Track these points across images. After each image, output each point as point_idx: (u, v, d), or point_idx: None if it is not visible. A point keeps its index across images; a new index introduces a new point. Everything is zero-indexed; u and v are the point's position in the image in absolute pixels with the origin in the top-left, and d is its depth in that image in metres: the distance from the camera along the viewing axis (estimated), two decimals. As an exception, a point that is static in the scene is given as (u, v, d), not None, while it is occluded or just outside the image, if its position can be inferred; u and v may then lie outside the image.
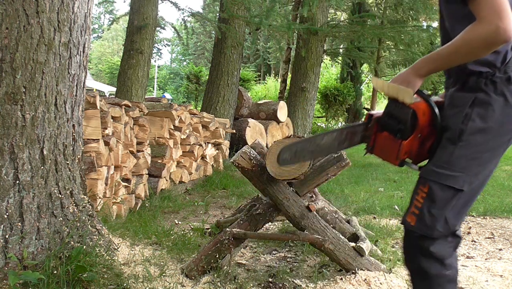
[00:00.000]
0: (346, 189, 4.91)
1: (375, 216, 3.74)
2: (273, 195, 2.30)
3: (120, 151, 3.46)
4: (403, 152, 1.44)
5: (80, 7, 2.18)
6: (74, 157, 2.25)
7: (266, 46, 33.59)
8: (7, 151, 1.90)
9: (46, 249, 1.97)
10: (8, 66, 1.89)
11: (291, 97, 9.49)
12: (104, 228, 2.44)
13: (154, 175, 4.27)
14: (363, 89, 18.56)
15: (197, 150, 5.07)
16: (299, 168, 2.17)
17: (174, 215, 3.81)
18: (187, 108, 4.92)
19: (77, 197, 2.23)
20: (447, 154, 1.36)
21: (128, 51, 6.74)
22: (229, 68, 7.52)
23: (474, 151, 1.34)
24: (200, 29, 22.46)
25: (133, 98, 6.48)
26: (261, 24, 6.85)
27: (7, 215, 1.87)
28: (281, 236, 2.53)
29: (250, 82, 20.99)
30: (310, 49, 9.17)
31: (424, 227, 1.34)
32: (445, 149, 1.38)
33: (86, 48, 2.28)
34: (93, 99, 3.10)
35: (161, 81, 42.39)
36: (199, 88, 19.29)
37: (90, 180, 3.01)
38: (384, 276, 2.23)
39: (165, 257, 2.46)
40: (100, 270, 2.03)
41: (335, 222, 2.67)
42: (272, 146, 2.19)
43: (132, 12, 6.80)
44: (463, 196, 1.34)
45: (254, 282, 2.22)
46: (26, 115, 1.95)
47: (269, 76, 29.93)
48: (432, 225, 1.34)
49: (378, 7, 15.09)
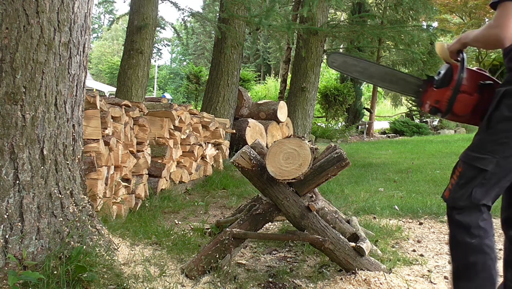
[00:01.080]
0: (346, 189, 4.91)
1: (375, 216, 3.74)
2: (273, 195, 2.30)
3: (120, 151, 3.46)
4: (433, 99, 1.77)
5: (80, 7, 2.18)
6: (74, 157, 2.25)
7: (266, 46, 33.60)
8: (7, 151, 1.90)
9: (46, 249, 1.97)
10: (8, 66, 1.89)
11: (291, 97, 9.48)
12: (104, 228, 2.44)
13: (154, 175, 4.27)
14: (363, 89, 18.55)
15: (197, 150, 5.07)
16: (299, 168, 2.17)
17: (174, 215, 3.81)
18: (187, 108, 4.92)
19: (77, 197, 2.23)
20: (478, 139, 1.60)
21: (128, 51, 6.74)
22: (229, 68, 7.52)
23: (501, 136, 1.52)
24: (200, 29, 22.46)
25: (133, 98, 6.48)
26: (261, 24, 6.85)
27: (7, 215, 1.87)
28: (281, 236, 2.53)
29: (250, 82, 20.98)
30: (310, 49, 9.17)
31: (452, 199, 1.59)
32: (478, 135, 1.62)
33: (86, 48, 2.28)
34: (93, 99, 3.10)
35: (161, 81, 42.38)
36: (199, 88, 19.28)
37: (90, 180, 3.01)
38: (384, 276, 2.23)
39: (165, 257, 2.46)
40: (100, 270, 2.03)
41: (335, 222, 2.67)
42: (272, 146, 2.19)
43: (132, 12, 6.80)
44: (490, 176, 1.53)
45: (254, 282, 2.22)
46: (26, 115, 1.95)
47: (269, 76, 29.93)
48: (458, 197, 1.57)
49: (378, 7, 15.09)
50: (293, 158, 2.15)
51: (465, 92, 1.73)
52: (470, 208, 1.55)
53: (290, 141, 2.15)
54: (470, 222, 1.54)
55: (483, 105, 1.70)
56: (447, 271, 2.52)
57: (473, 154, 1.58)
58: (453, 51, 1.78)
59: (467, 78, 1.73)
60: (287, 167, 2.16)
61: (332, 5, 10.17)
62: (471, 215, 1.55)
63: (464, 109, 1.74)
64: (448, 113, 1.76)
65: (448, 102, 1.74)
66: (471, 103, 1.73)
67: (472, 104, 1.74)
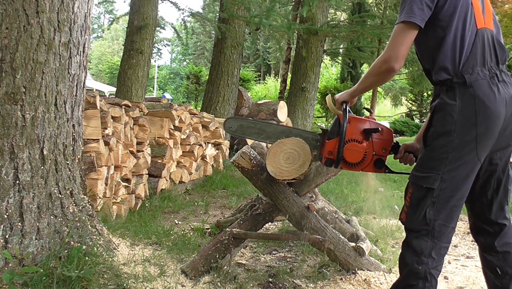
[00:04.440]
0: (346, 189, 4.91)
1: (375, 216, 3.74)
2: (273, 195, 2.30)
3: (120, 151, 3.46)
4: (327, 150, 1.80)
5: (80, 7, 2.18)
6: (74, 157, 2.25)
7: (266, 46, 33.58)
8: (7, 151, 1.90)
9: (46, 249, 1.97)
10: (8, 66, 1.89)
11: (291, 97, 9.48)
12: (104, 228, 2.44)
13: (154, 175, 4.27)
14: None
15: (197, 150, 5.07)
16: (299, 168, 2.17)
17: (174, 215, 3.80)
18: (187, 108, 4.92)
19: (77, 197, 2.23)
20: (420, 158, 1.60)
21: (128, 51, 6.74)
22: (229, 68, 7.52)
23: (440, 152, 1.51)
24: (200, 29, 22.47)
25: (133, 98, 6.48)
26: (261, 24, 6.85)
27: (7, 215, 1.87)
28: (281, 236, 2.53)
29: (250, 82, 20.98)
30: (310, 49, 9.16)
31: (409, 222, 1.58)
32: (420, 154, 1.61)
33: (86, 48, 2.28)
34: (93, 99, 3.10)
35: (161, 81, 42.35)
36: (199, 88, 19.28)
37: (90, 180, 3.01)
38: (384, 276, 2.23)
39: (165, 257, 2.46)
40: (100, 270, 2.03)
41: (335, 222, 2.67)
42: (272, 146, 2.19)
43: (132, 12, 6.80)
44: (438, 193, 1.51)
45: (254, 282, 2.22)
46: (26, 115, 1.95)
47: (269, 76, 29.92)
48: (414, 220, 1.56)
49: (378, 7, 15.07)
50: (293, 158, 2.15)
51: (352, 140, 1.77)
52: (428, 231, 1.53)
53: (290, 141, 2.15)
54: (424, 248, 1.52)
55: (377, 150, 1.78)
56: (447, 271, 2.52)
57: (418, 174, 1.56)
58: (339, 102, 1.81)
59: (352, 126, 1.77)
60: (287, 167, 2.16)
61: (332, 5, 10.17)
62: (427, 241, 1.53)
63: (355, 157, 1.78)
64: (339, 162, 1.78)
65: (338, 152, 1.76)
66: (361, 150, 1.77)
67: (363, 151, 1.77)
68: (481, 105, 1.47)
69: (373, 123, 1.80)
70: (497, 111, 1.48)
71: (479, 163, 1.52)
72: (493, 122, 1.48)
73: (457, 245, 3.05)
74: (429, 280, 1.53)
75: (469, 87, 1.48)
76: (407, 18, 1.50)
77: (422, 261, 1.52)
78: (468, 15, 1.52)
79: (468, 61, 1.50)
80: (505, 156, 1.60)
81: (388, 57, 1.54)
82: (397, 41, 1.53)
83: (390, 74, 1.58)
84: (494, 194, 1.62)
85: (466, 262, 2.69)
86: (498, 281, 1.64)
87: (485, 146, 1.50)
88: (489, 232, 1.64)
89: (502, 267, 1.62)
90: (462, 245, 3.05)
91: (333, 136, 1.80)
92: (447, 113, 1.50)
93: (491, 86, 1.49)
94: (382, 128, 1.79)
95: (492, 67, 1.52)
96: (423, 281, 1.52)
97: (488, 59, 1.53)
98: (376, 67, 1.60)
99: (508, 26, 14.72)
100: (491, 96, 1.48)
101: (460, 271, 2.53)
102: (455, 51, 1.52)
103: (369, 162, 1.80)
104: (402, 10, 1.53)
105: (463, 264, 2.65)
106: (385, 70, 1.56)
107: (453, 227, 1.56)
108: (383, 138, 1.80)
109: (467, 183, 1.53)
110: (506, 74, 1.55)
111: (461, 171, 1.50)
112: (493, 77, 1.51)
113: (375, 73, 1.61)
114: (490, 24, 1.58)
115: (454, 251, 2.93)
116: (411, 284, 1.54)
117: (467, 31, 1.52)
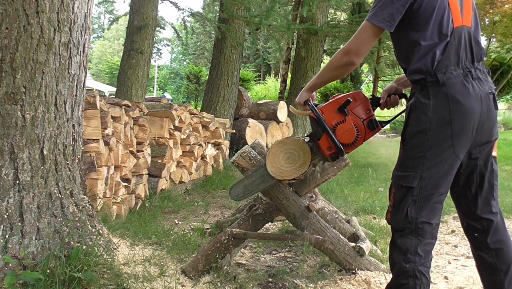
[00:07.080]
0: (346, 189, 4.91)
1: (375, 216, 3.74)
2: (273, 195, 2.30)
3: (120, 151, 3.46)
4: (325, 148, 1.84)
5: (80, 7, 2.18)
6: (74, 157, 2.25)
7: (266, 46, 33.58)
8: (7, 151, 1.90)
9: (46, 249, 1.97)
10: (8, 66, 1.89)
11: (291, 97, 9.48)
12: (104, 228, 2.44)
13: (154, 175, 4.27)
14: (363, 89, 18.56)
15: (197, 150, 5.07)
16: (299, 168, 2.17)
17: (174, 215, 3.81)
18: (187, 108, 4.92)
19: (77, 197, 2.23)
20: (399, 157, 1.62)
21: (128, 51, 6.74)
22: (229, 68, 7.52)
23: (417, 151, 1.53)
24: (200, 29, 22.46)
25: (133, 98, 6.48)
26: (261, 24, 6.85)
27: (7, 215, 1.87)
28: (281, 236, 2.53)
29: (250, 82, 20.98)
30: (310, 49, 9.17)
31: (394, 221, 1.60)
32: (399, 154, 1.63)
33: (86, 48, 2.28)
34: (93, 99, 3.10)
35: (161, 81, 42.37)
36: (199, 88, 19.29)
37: (90, 180, 3.01)
38: (384, 276, 2.23)
39: (165, 257, 2.46)
40: (100, 270, 2.03)
41: (335, 222, 2.67)
42: (272, 146, 2.19)
43: (132, 12, 6.80)
44: (418, 191, 1.53)
45: (254, 282, 2.22)
46: (26, 115, 1.95)
47: (269, 76, 29.91)
48: (397, 219, 1.58)
49: (378, 7, 15.04)
50: (294, 158, 2.15)
51: (337, 124, 1.81)
52: (411, 229, 1.55)
53: (290, 141, 2.15)
54: (409, 246, 1.55)
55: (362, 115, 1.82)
56: (447, 271, 2.52)
57: (398, 173, 1.58)
58: (301, 104, 1.84)
59: (327, 114, 1.82)
60: (287, 167, 2.16)
61: (332, 5, 10.16)
62: (412, 239, 1.55)
63: (350, 136, 1.82)
64: (342, 149, 1.82)
65: (334, 142, 1.80)
66: (350, 126, 1.81)
67: (352, 126, 1.81)
68: (454, 103, 1.48)
69: (340, 99, 1.83)
70: (472, 109, 1.48)
71: (458, 160, 1.53)
72: (468, 119, 1.49)
73: (457, 245, 3.05)
74: (419, 277, 1.54)
75: (442, 86, 1.50)
76: (377, 22, 1.53)
77: (409, 259, 1.55)
78: (444, 17, 1.52)
79: (441, 61, 1.51)
80: (485, 150, 1.60)
81: (349, 50, 1.57)
82: (361, 38, 1.56)
83: (350, 68, 1.61)
84: (478, 189, 1.63)
85: (466, 262, 2.69)
86: (492, 278, 1.65)
87: (462, 143, 1.51)
88: (478, 228, 1.65)
89: (495, 264, 1.63)
90: (462, 245, 3.05)
91: (320, 134, 1.84)
92: (422, 112, 1.52)
93: (464, 84, 1.50)
94: (351, 96, 1.81)
95: (466, 65, 1.53)
96: (413, 279, 1.54)
97: (463, 57, 1.53)
98: (336, 60, 1.63)
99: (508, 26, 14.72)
100: (465, 94, 1.49)
101: (460, 271, 2.53)
102: (429, 53, 1.52)
103: (364, 130, 1.83)
104: (374, 8, 1.54)
105: (463, 264, 2.65)
106: (345, 63, 1.60)
107: (437, 224, 1.58)
108: (358, 103, 1.82)
109: (446, 180, 1.55)
110: (481, 72, 1.55)
111: (439, 169, 1.52)
112: (467, 75, 1.51)
113: (335, 66, 1.64)
114: (469, 21, 1.58)
115: (454, 251, 2.93)
116: (402, 283, 1.56)
117: (443, 32, 1.52)
